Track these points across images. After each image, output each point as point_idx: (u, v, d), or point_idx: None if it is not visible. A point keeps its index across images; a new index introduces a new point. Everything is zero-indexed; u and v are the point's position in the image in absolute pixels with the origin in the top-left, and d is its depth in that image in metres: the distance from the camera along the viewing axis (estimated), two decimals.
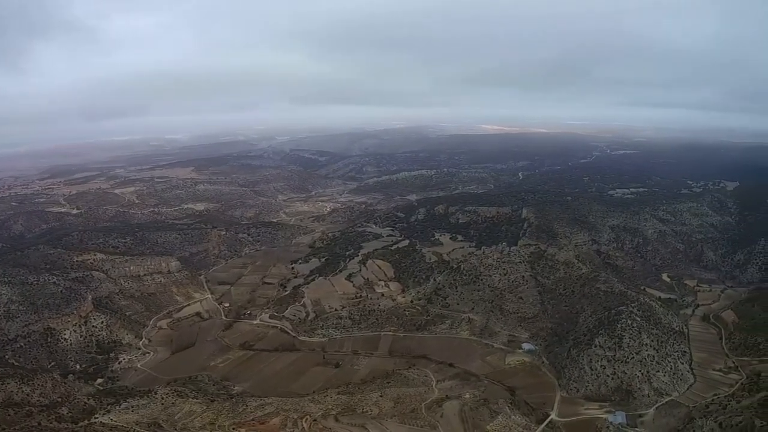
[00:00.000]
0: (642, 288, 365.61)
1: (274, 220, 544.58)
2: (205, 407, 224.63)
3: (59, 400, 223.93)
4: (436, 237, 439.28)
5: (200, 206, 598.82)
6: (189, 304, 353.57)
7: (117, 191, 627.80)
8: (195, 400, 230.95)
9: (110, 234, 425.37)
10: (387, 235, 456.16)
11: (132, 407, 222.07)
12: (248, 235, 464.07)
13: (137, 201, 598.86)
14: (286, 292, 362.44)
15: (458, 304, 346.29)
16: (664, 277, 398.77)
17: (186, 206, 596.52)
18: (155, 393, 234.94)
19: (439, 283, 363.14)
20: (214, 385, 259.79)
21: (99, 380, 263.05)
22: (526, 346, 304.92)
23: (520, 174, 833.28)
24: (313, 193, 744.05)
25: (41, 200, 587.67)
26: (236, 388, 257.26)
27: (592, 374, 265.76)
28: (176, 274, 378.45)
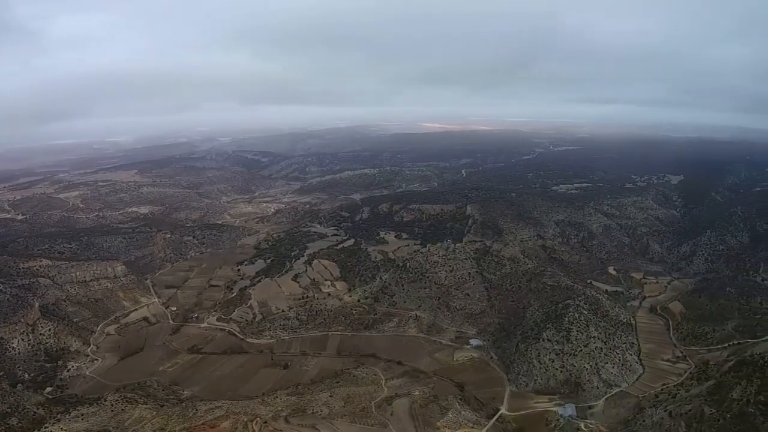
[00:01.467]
0: (588, 281, 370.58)
1: (219, 222, 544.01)
2: (154, 413, 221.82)
3: (8, 410, 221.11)
4: (381, 236, 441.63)
5: (145, 209, 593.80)
6: (136, 309, 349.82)
7: (61, 196, 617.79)
8: (144, 405, 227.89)
9: (56, 239, 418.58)
10: (332, 235, 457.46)
11: (82, 415, 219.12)
12: (193, 237, 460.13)
13: (82, 205, 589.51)
14: (233, 294, 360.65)
15: (405, 302, 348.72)
16: (611, 270, 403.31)
17: (130, 210, 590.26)
18: (104, 400, 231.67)
19: (385, 282, 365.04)
20: (163, 390, 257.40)
21: (48, 389, 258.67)
22: (473, 341, 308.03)
23: (463, 171, 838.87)
24: (257, 194, 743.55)
25: None
26: (185, 392, 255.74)
27: (540, 368, 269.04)
28: (122, 278, 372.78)
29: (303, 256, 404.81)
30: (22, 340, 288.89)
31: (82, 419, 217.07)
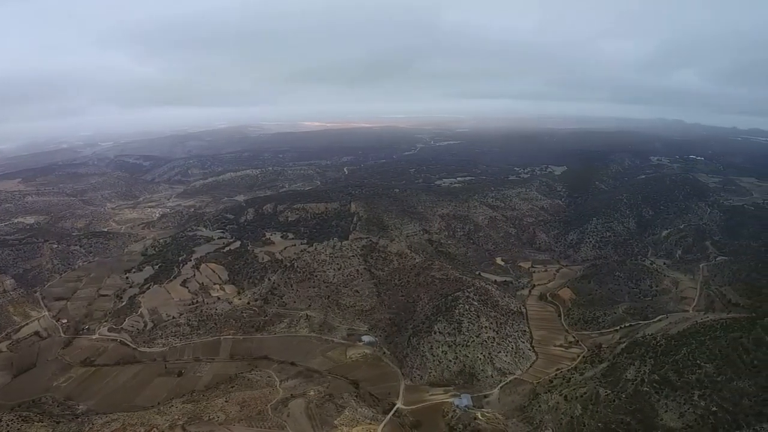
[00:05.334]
0: (477, 273, 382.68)
1: (105, 230, 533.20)
2: (51, 430, 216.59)
3: None
4: (267, 236, 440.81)
5: (30, 219, 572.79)
6: (27, 324, 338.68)
7: None
8: (41, 423, 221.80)
9: None
10: (218, 238, 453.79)
11: None
12: (80, 246, 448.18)
13: None
14: (123, 303, 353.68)
15: (295, 302, 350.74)
16: (499, 261, 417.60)
17: (16, 220, 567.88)
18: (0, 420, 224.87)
19: (274, 283, 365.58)
20: (58, 405, 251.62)
21: None
22: (365, 338, 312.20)
23: (345, 169, 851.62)
24: (141, 199, 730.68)
25: None
26: (81, 406, 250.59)
27: (434, 360, 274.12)
28: (11, 292, 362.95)
29: (190, 260, 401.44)
30: None
31: None
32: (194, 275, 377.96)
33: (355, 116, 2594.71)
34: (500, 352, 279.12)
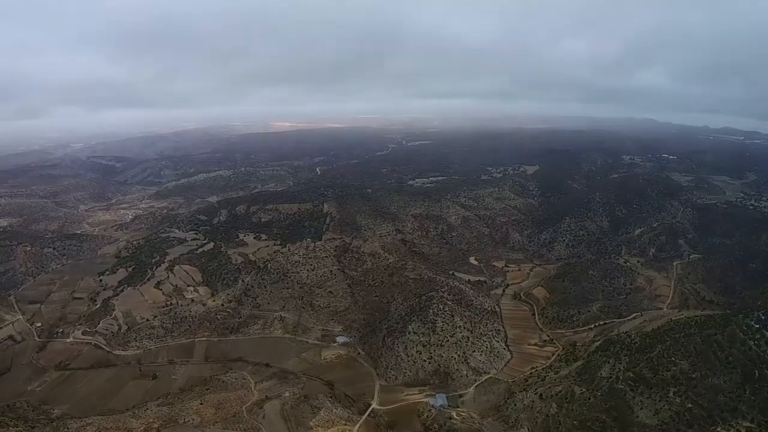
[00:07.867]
0: (451, 273, 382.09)
1: (78, 232, 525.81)
2: None
3: None
4: (241, 237, 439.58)
5: (3, 222, 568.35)
6: (1, 328, 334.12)
7: None
8: (15, 428, 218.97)
9: None
10: (191, 239, 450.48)
11: None
12: (54, 249, 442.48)
13: None
14: (97, 306, 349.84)
15: (269, 303, 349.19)
16: (472, 260, 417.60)
17: None
18: None
19: (247, 284, 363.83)
20: (33, 410, 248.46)
21: None
22: (340, 339, 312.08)
23: (317, 169, 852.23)
24: (114, 200, 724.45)
25: None
26: (56, 411, 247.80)
27: (408, 360, 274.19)
28: None
29: (164, 262, 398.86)
30: None
31: None
32: (168, 277, 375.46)
33: (325, 116, 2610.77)
34: (475, 351, 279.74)
